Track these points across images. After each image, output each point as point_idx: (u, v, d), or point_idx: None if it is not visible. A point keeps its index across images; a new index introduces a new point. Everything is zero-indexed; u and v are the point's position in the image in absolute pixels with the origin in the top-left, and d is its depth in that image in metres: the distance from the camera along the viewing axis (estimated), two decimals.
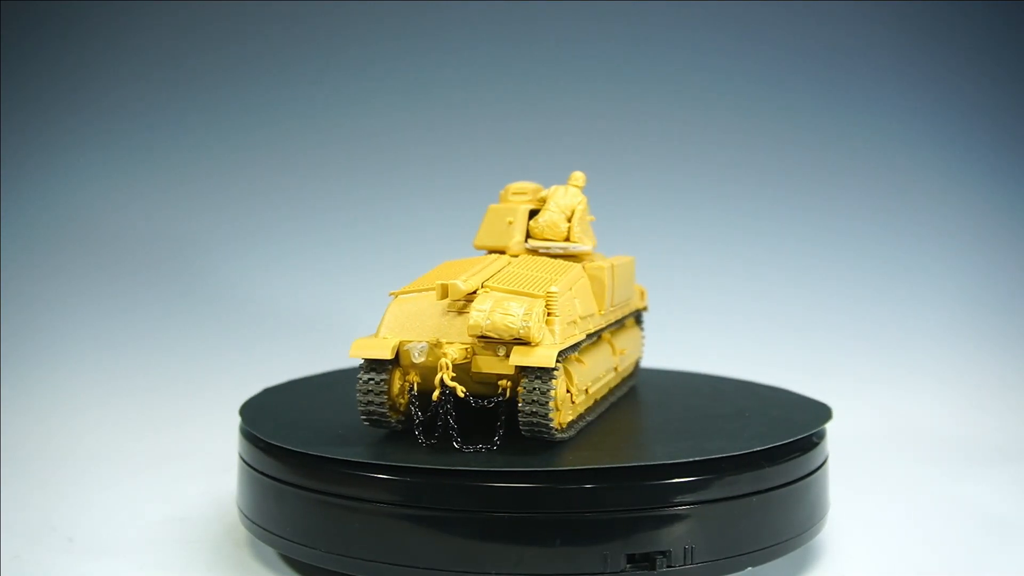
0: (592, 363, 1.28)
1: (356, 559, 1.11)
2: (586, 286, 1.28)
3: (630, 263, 1.47)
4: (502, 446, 1.15)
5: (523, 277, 1.21)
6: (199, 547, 1.33)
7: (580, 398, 1.22)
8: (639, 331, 1.60)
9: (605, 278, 1.31)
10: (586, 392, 1.25)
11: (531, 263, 1.28)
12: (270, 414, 1.33)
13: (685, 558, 1.09)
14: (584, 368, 1.24)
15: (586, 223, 1.38)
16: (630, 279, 1.48)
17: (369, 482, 1.10)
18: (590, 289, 1.29)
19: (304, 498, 1.15)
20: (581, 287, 1.25)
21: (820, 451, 1.26)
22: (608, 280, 1.32)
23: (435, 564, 1.08)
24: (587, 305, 1.26)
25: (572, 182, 1.38)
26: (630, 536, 1.07)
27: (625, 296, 1.44)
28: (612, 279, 1.34)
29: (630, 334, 1.51)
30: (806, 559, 1.30)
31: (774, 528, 1.16)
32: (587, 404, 1.28)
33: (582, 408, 1.25)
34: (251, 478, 1.24)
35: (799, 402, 1.43)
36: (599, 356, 1.33)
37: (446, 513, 1.08)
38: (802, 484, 1.20)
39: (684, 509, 1.10)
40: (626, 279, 1.43)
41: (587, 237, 1.38)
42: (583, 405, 1.26)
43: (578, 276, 1.26)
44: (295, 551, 1.17)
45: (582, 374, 1.23)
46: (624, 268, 1.42)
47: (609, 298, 1.33)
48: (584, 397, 1.25)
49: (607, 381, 1.37)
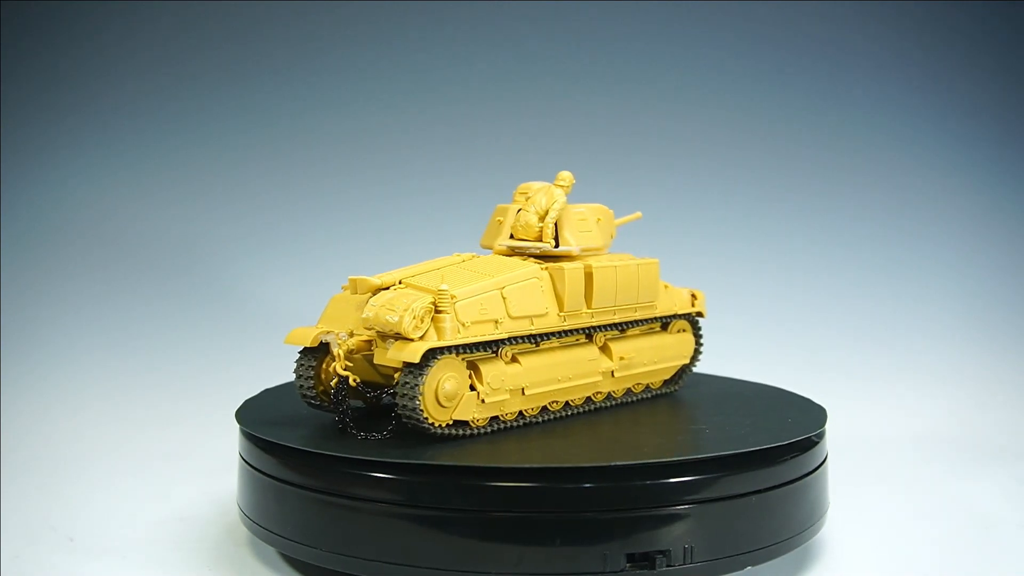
0: (541, 364, 1.26)
1: (356, 558, 1.11)
2: (535, 287, 1.25)
3: (637, 266, 1.38)
4: (503, 446, 1.16)
5: (456, 275, 1.22)
6: (199, 547, 1.33)
7: (500, 397, 1.22)
8: (674, 337, 1.48)
9: (564, 280, 1.28)
10: (523, 393, 1.25)
11: (484, 262, 1.29)
12: (270, 414, 1.33)
13: (685, 557, 1.09)
14: (514, 368, 1.24)
15: (584, 223, 1.36)
16: (644, 282, 1.38)
17: (370, 481, 1.11)
18: (545, 290, 1.27)
19: (304, 497, 1.15)
20: (525, 287, 1.24)
21: (819, 451, 1.26)
22: (573, 282, 1.28)
23: (435, 564, 1.08)
24: (531, 306, 1.24)
25: (557, 182, 1.37)
26: (630, 536, 1.07)
27: (631, 300, 1.37)
28: (577, 282, 1.29)
29: (650, 340, 1.43)
30: (805, 559, 1.30)
31: (773, 528, 1.17)
32: (529, 404, 1.27)
33: (513, 407, 1.25)
34: (251, 477, 1.24)
35: (798, 402, 1.44)
36: (559, 358, 1.29)
37: (446, 513, 1.08)
38: (801, 484, 1.20)
39: (684, 509, 1.10)
40: (630, 282, 1.36)
41: (579, 237, 1.34)
42: (520, 404, 1.25)
43: (524, 276, 1.25)
44: (295, 550, 1.17)
45: (507, 374, 1.22)
46: (628, 271, 1.35)
47: (575, 301, 1.29)
48: (514, 397, 1.24)
49: (583, 384, 1.33)
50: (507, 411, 1.25)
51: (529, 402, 1.27)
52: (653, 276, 1.40)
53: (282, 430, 1.24)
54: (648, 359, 1.42)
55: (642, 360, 1.41)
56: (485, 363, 1.21)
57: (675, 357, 1.48)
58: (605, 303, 1.33)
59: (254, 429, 1.24)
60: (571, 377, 1.31)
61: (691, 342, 1.51)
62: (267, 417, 1.31)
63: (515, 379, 1.24)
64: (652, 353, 1.43)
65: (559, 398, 1.31)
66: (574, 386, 1.32)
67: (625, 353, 1.38)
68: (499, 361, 1.23)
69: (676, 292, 1.48)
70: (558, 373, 1.29)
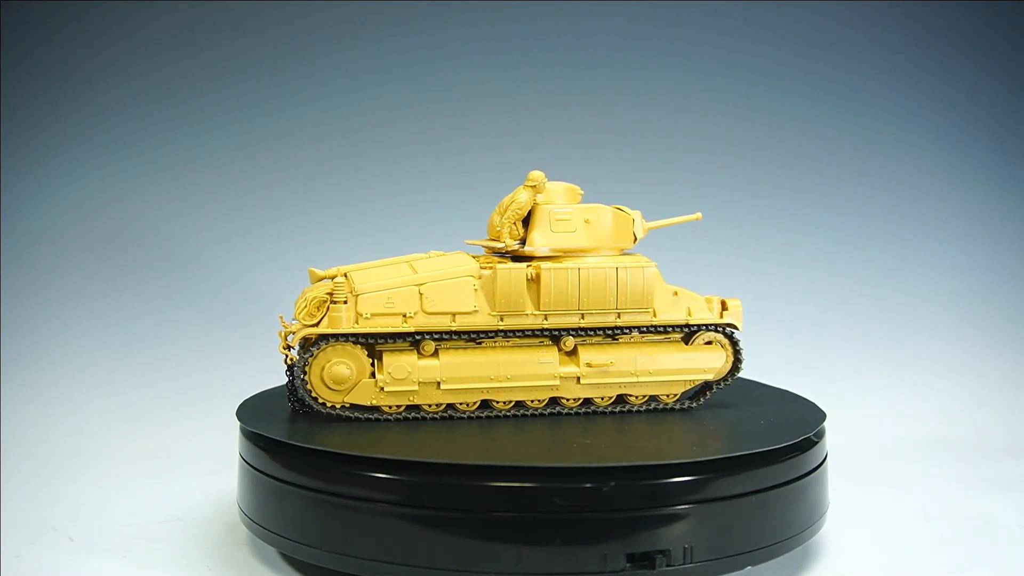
0: (464, 361, 1.28)
1: (357, 558, 1.11)
2: (464, 285, 1.28)
3: (616, 269, 1.31)
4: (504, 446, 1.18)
5: (394, 271, 1.31)
6: (199, 547, 1.33)
7: (404, 388, 1.27)
8: (694, 350, 1.37)
9: (496, 280, 1.28)
10: (439, 387, 1.28)
11: (433, 260, 1.34)
12: (270, 413, 1.33)
13: (684, 557, 1.09)
14: (428, 362, 1.27)
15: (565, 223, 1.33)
16: (630, 287, 1.32)
17: (370, 481, 1.11)
18: (479, 289, 1.28)
19: (305, 497, 1.15)
20: (449, 285, 1.27)
21: (819, 450, 1.26)
22: (506, 283, 1.28)
23: (435, 563, 1.08)
24: (454, 304, 1.28)
25: (526, 182, 1.36)
26: (630, 535, 1.08)
27: (606, 304, 1.31)
28: (511, 283, 1.29)
29: (648, 350, 1.35)
30: (805, 558, 1.30)
31: (773, 527, 1.17)
32: (449, 399, 1.29)
33: (430, 399, 1.28)
34: (251, 477, 1.24)
35: (798, 402, 1.44)
36: (494, 358, 1.29)
37: (446, 513, 1.08)
38: (801, 483, 1.20)
39: (683, 508, 1.10)
40: (603, 286, 1.31)
41: (551, 237, 1.32)
42: (439, 398, 1.28)
43: (454, 275, 1.28)
44: (296, 550, 1.17)
45: (416, 366, 1.27)
46: (597, 274, 1.30)
47: (512, 302, 1.29)
48: (427, 390, 1.28)
49: (535, 387, 1.31)
50: (426, 402, 1.29)
51: (449, 396, 1.29)
52: (645, 281, 1.32)
53: (282, 429, 1.24)
54: (641, 369, 1.34)
55: (630, 369, 1.33)
56: (391, 354, 1.28)
57: (691, 371, 1.36)
58: (562, 306, 1.30)
59: (254, 427, 1.25)
60: (512, 378, 1.30)
61: (719, 356, 1.37)
62: (267, 416, 1.31)
63: (427, 372, 1.27)
64: (650, 363, 1.34)
65: (499, 397, 1.31)
66: (520, 387, 1.31)
67: (597, 360, 1.32)
68: (410, 353, 1.28)
69: (693, 299, 1.37)
70: (492, 372, 1.29)
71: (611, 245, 1.36)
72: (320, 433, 1.23)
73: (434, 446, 1.17)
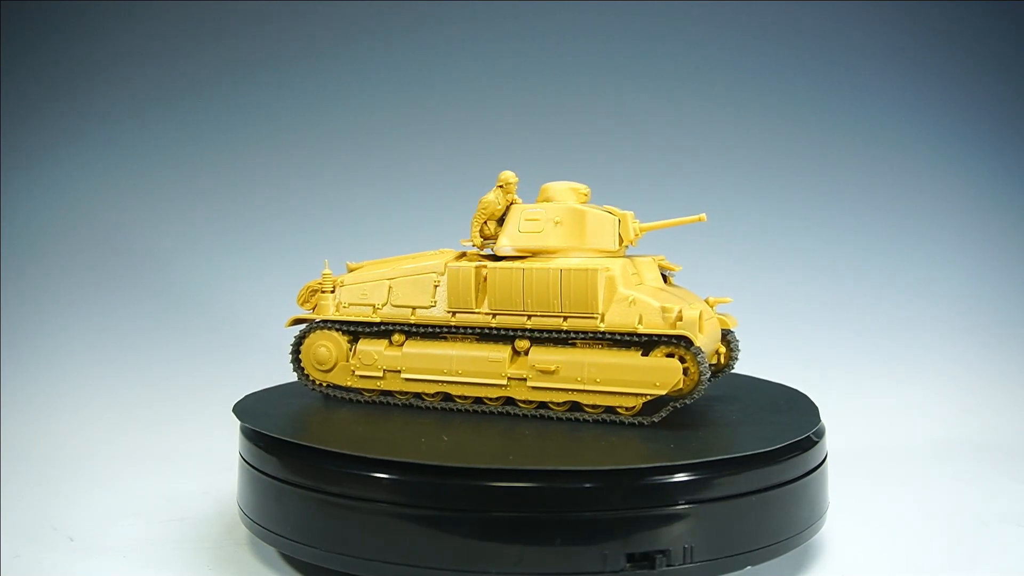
0: (420, 354, 1.34)
1: (357, 558, 1.11)
2: (427, 282, 1.36)
3: (560, 271, 1.26)
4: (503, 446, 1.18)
5: (389, 266, 1.39)
6: (199, 547, 1.33)
7: (371, 374, 1.37)
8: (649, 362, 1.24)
9: (457, 279, 1.32)
10: (399, 373, 1.36)
11: (418, 256, 1.41)
12: (270, 413, 1.33)
13: (684, 557, 1.09)
14: (392, 351, 1.36)
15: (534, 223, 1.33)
16: (574, 290, 1.26)
17: (370, 481, 1.11)
18: (441, 286, 1.34)
19: (305, 497, 1.15)
20: (413, 281, 1.36)
21: (818, 450, 1.26)
22: (455, 281, 1.32)
23: (435, 563, 1.08)
24: (416, 299, 1.36)
25: (497, 183, 1.38)
26: (629, 536, 1.07)
27: (550, 307, 1.27)
28: (459, 281, 1.31)
29: (598, 357, 1.26)
30: (805, 558, 1.30)
31: (773, 528, 1.17)
32: (411, 388, 1.36)
33: (395, 387, 1.37)
34: (251, 477, 1.24)
35: (798, 402, 1.43)
36: (446, 352, 1.33)
37: (446, 513, 1.08)
38: (800, 483, 1.20)
39: (683, 509, 1.10)
40: (546, 288, 1.27)
41: (516, 238, 1.33)
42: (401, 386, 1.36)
43: (422, 271, 1.36)
44: (296, 550, 1.17)
45: (382, 355, 1.36)
46: (540, 275, 1.27)
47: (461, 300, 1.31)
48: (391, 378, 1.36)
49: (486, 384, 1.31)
50: (392, 389, 1.37)
51: (410, 386, 1.36)
52: (590, 284, 1.25)
53: (282, 428, 1.24)
54: (588, 377, 1.26)
55: (577, 376, 1.27)
56: (363, 341, 1.39)
57: (642, 384, 1.24)
58: (508, 306, 1.30)
59: (254, 425, 1.25)
60: (464, 373, 1.33)
61: (675, 371, 1.23)
62: (267, 416, 1.31)
63: (391, 362, 1.36)
64: (597, 372, 1.26)
65: (454, 391, 1.34)
66: (473, 383, 1.33)
67: (545, 363, 1.27)
68: (380, 342, 1.38)
69: (646, 308, 1.24)
70: (445, 366, 1.34)
71: (588, 247, 1.32)
72: (320, 433, 1.23)
73: (434, 446, 1.17)
